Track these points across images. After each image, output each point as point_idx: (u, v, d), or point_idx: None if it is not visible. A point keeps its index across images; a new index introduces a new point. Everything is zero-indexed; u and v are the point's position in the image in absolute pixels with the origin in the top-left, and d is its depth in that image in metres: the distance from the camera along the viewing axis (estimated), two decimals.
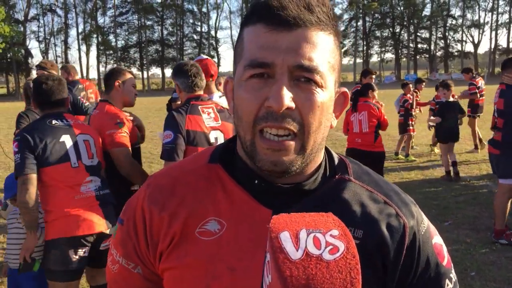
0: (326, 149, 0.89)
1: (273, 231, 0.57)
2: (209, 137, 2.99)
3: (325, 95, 0.76)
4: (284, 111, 0.72)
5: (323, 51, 0.75)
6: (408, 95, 9.40)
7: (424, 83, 10.59)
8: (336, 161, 0.89)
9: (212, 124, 3.04)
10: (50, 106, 2.94)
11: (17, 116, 4.19)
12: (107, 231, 2.90)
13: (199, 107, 3.05)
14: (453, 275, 0.88)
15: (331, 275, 0.53)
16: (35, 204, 2.69)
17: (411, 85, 9.55)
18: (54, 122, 2.89)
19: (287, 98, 0.71)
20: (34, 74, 4.49)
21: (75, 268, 2.85)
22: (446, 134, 7.59)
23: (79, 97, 5.04)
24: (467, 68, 10.87)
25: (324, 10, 0.76)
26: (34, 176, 2.70)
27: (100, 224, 2.87)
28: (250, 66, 0.74)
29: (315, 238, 0.56)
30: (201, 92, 3.17)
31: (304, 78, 0.73)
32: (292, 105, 0.72)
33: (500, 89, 4.97)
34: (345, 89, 0.85)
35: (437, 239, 0.88)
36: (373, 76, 7.68)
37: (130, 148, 3.22)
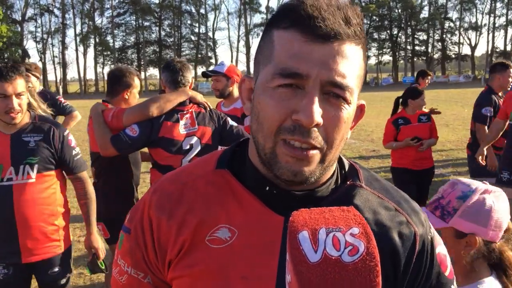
0: None
1: (292, 231, 0.56)
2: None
3: (350, 110, 0.75)
4: (312, 126, 0.71)
5: (355, 66, 0.74)
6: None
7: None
8: (347, 167, 0.88)
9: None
10: None
11: None
12: None
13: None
14: (454, 286, 0.88)
15: (349, 278, 0.52)
16: None
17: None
18: None
19: (318, 114, 0.70)
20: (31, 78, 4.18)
21: None
22: None
23: (57, 97, 4.87)
24: None
25: (358, 22, 0.74)
26: None
27: None
28: (280, 74, 0.71)
29: (334, 238, 0.54)
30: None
31: (334, 94, 0.72)
32: (321, 121, 0.71)
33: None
34: (363, 102, 0.83)
35: (440, 249, 0.87)
36: (429, 77, 7.13)
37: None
